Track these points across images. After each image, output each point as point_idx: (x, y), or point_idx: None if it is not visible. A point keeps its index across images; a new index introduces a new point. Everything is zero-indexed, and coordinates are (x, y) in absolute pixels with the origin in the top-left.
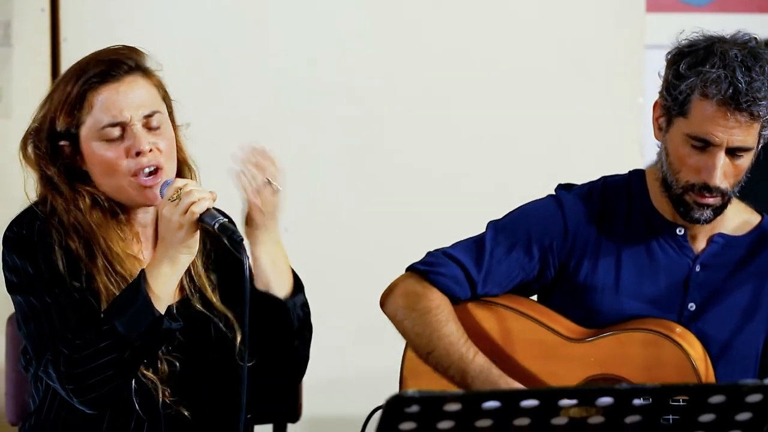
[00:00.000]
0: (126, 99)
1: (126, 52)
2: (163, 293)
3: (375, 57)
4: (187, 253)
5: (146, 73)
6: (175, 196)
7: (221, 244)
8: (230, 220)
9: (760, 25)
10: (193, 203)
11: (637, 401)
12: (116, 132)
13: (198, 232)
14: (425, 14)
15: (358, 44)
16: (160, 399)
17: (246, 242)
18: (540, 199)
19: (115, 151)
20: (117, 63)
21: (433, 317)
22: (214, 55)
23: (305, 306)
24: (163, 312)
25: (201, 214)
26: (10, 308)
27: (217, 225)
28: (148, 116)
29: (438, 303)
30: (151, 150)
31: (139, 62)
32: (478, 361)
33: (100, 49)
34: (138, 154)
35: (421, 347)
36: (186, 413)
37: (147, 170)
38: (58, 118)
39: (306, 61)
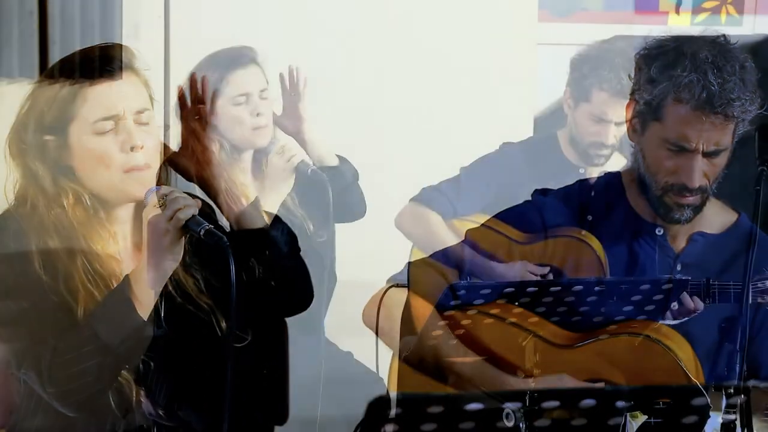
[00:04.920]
0: (119, 94)
1: (117, 49)
2: (147, 299)
3: (371, 55)
4: (172, 259)
5: (136, 71)
6: (160, 203)
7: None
8: (216, 226)
9: None
10: (179, 210)
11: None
12: (108, 126)
13: (183, 239)
14: (421, 13)
15: (354, 43)
16: (134, 399)
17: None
18: (517, 205)
19: (108, 144)
20: (109, 59)
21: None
22: (204, 55)
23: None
24: (146, 318)
25: (186, 221)
26: None
27: (202, 231)
28: (140, 112)
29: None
30: (142, 147)
31: (130, 60)
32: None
33: (88, 46)
34: (132, 149)
35: (413, 347)
36: (161, 413)
37: (139, 165)
38: (47, 113)
39: (303, 59)
